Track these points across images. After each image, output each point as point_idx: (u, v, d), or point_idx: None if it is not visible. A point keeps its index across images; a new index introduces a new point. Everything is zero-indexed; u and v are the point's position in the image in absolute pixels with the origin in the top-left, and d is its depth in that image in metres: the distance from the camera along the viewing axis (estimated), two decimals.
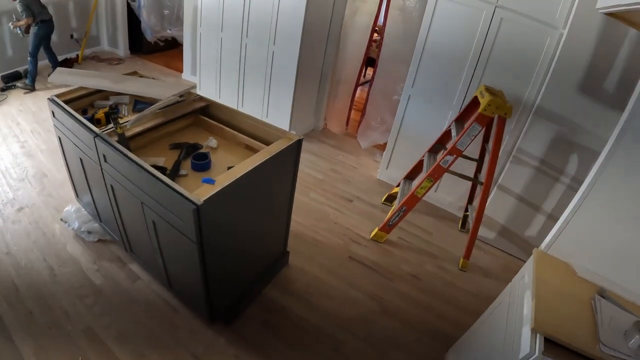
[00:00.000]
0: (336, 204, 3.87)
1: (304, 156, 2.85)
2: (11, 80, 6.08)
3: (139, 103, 2.98)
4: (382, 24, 4.47)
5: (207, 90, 5.12)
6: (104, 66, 6.66)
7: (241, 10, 4.31)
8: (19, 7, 5.01)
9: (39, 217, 3.25)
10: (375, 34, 4.87)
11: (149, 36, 6.98)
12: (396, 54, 4.32)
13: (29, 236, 3.05)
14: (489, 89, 3.05)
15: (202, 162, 2.27)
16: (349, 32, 4.47)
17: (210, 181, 1.89)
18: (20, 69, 6.35)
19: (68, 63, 6.63)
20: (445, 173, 3.20)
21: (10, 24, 5.37)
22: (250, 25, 4.33)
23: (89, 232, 3.10)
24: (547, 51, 2.99)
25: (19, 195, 3.48)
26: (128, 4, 6.85)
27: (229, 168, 2.19)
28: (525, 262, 2.02)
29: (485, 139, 3.34)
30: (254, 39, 4.37)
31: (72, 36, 6.96)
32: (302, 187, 3.90)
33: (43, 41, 5.52)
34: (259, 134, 2.54)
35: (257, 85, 4.56)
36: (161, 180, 1.89)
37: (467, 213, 3.71)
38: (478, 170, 3.53)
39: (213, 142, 2.52)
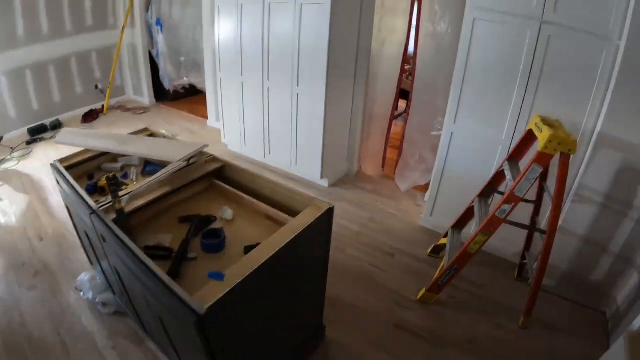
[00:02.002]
0: (376, 260, 3.40)
1: (338, 205, 2.44)
2: (37, 134, 6.06)
3: (149, 164, 2.68)
4: (412, 54, 4.08)
5: (232, 137, 4.82)
6: (129, 116, 6.55)
7: (260, 52, 4.02)
8: None
9: (55, 284, 3.00)
10: (407, 65, 4.49)
11: (167, 84, 6.87)
12: (431, 84, 3.90)
13: (44, 305, 2.80)
14: (545, 120, 2.56)
15: (213, 243, 1.88)
16: (378, 64, 4.10)
17: (219, 277, 1.49)
18: (47, 121, 6.33)
19: (93, 114, 6.56)
20: None
21: None
22: (271, 67, 4.03)
23: (104, 304, 2.77)
24: (604, 67, 2.52)
25: (36, 257, 3.27)
26: (150, 53, 6.79)
27: (245, 249, 1.79)
28: (593, 309, 1.49)
29: (543, 177, 2.82)
30: (276, 81, 4.06)
31: (96, 86, 6.93)
32: (337, 242, 3.45)
33: None
34: (283, 201, 2.15)
35: (284, 130, 4.21)
36: (157, 276, 1.51)
37: (525, 261, 3.17)
38: (536, 213, 3.01)
39: (228, 212, 2.14)
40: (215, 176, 2.48)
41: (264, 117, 4.29)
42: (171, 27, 6.33)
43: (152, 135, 3.00)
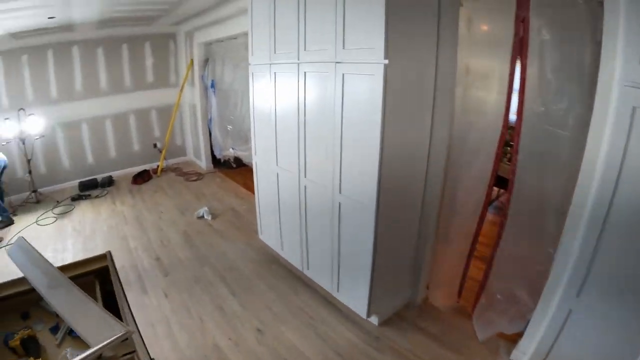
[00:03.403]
0: None
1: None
2: (87, 189, 5.80)
3: None
4: (511, 140, 2.70)
5: (270, 234, 3.69)
6: (180, 182, 5.91)
7: (296, 141, 2.95)
8: None
9: None
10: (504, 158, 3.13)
11: (217, 153, 6.19)
12: (536, 196, 2.51)
13: None
14: None
15: None
16: (459, 155, 2.80)
17: None
18: (99, 176, 5.96)
19: (145, 176, 6.04)
20: None
21: None
22: (309, 162, 2.91)
23: None
24: None
25: None
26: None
27: None
28: None
29: None
30: (314, 181, 2.90)
31: (155, 145, 6.51)
32: None
33: None
34: None
35: (324, 241, 2.95)
36: None
37: None
38: None
39: None
40: None
41: (301, 220, 3.15)
42: (222, 91, 5.65)
43: None
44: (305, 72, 2.69)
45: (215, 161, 6.40)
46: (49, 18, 4.21)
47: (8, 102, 5.47)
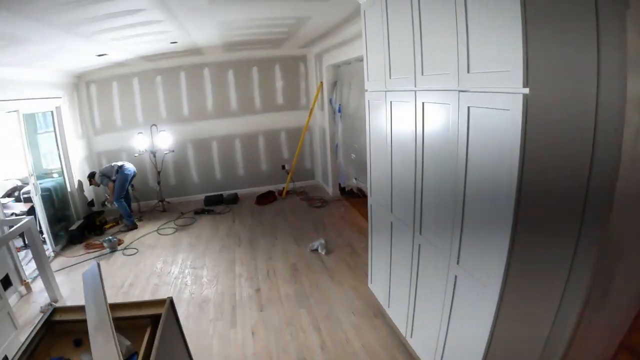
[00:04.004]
0: None
1: None
2: (212, 204, 5.99)
3: None
4: None
5: (379, 286, 3.10)
6: (303, 207, 5.69)
7: (412, 189, 2.33)
8: (98, 180, 5.54)
9: None
10: None
11: (342, 181, 5.80)
12: None
13: None
14: None
15: None
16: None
17: None
18: (225, 192, 6.11)
19: (270, 197, 5.99)
20: None
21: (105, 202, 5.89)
22: (425, 218, 2.26)
23: None
24: None
25: None
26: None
27: None
28: None
29: None
30: (430, 242, 2.22)
31: (283, 167, 6.45)
32: None
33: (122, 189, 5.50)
34: None
35: (432, 315, 2.26)
36: None
37: None
38: None
39: None
40: None
41: (411, 282, 2.47)
42: (348, 117, 5.23)
43: None
44: (423, 103, 2.09)
45: (343, 187, 6.03)
46: (171, 43, 4.37)
47: (142, 118, 6.04)
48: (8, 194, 5.61)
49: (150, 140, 5.79)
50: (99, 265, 1.87)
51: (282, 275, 3.84)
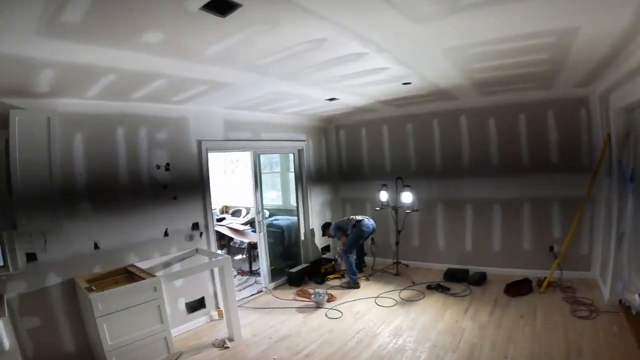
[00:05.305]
0: None
1: None
2: (452, 279, 4.98)
3: None
4: None
5: None
6: (563, 312, 3.87)
7: None
8: (332, 233, 5.43)
9: None
10: None
11: (619, 289, 3.64)
12: None
13: None
14: None
15: None
16: None
17: None
18: (472, 268, 4.96)
19: (524, 287, 4.50)
20: None
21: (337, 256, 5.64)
22: None
23: None
24: None
25: None
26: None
27: None
28: None
29: None
30: None
31: (551, 248, 4.82)
32: None
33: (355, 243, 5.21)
34: None
35: None
36: None
37: None
38: None
39: None
40: None
41: None
42: None
43: None
44: None
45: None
46: (404, 84, 3.74)
47: (390, 168, 5.67)
48: (250, 222, 6.09)
49: (394, 195, 5.29)
50: None
51: None
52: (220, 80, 3.14)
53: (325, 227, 5.54)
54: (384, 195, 5.32)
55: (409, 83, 3.71)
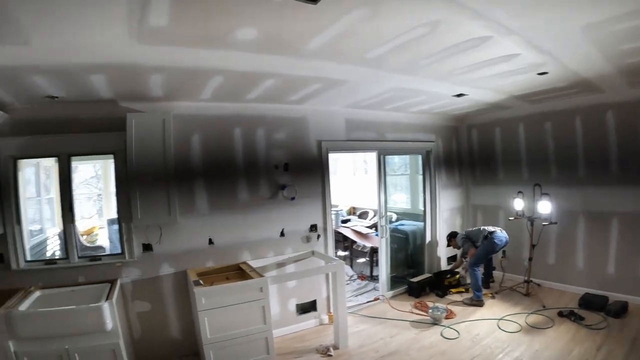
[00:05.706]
0: None
1: None
2: (588, 307, 4.20)
3: None
4: None
5: None
6: None
7: None
8: (460, 243, 4.96)
9: None
10: None
11: None
12: None
13: None
14: None
15: None
16: None
17: None
18: (613, 295, 4.26)
19: None
20: None
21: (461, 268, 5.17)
22: None
23: None
24: None
25: None
26: None
27: None
28: None
29: None
30: None
31: None
32: None
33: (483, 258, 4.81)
34: None
35: None
36: None
37: None
38: None
39: None
40: None
41: None
42: None
43: None
44: None
45: None
46: (538, 74, 3.23)
47: (527, 173, 5.10)
48: (375, 225, 5.94)
49: (530, 203, 4.68)
50: None
51: None
52: (332, 77, 3.09)
53: (451, 237, 5.10)
54: (519, 204, 4.72)
55: (545, 73, 3.21)
